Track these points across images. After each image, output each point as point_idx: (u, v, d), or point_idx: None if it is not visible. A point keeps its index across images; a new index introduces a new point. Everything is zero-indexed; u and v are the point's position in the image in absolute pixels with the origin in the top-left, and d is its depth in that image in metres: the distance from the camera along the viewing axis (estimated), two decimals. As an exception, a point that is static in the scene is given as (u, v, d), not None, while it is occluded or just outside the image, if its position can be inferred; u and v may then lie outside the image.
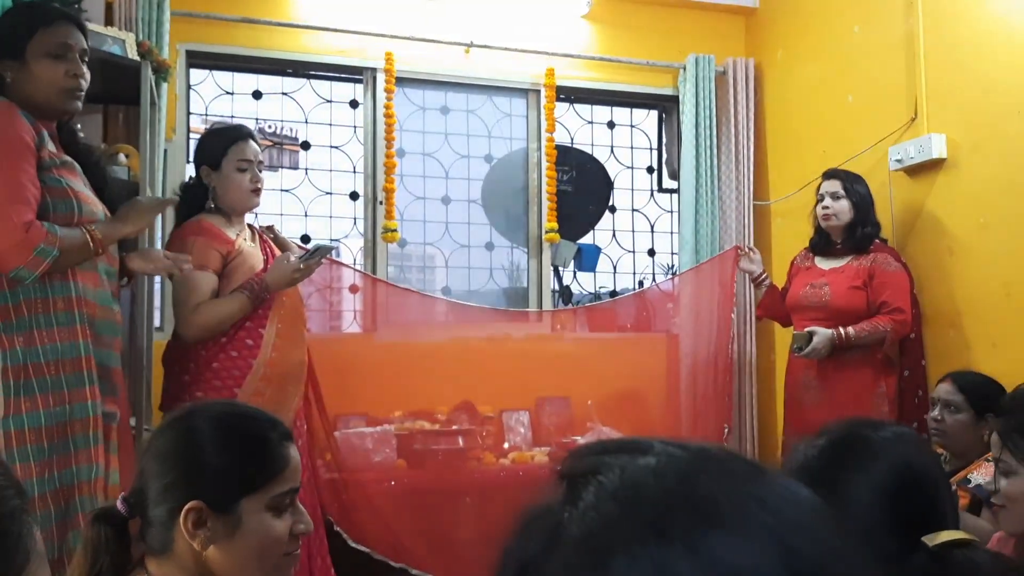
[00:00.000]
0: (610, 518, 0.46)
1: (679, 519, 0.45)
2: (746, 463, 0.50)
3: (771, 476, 0.50)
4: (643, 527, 0.45)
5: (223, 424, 1.24)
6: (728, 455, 0.51)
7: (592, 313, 4.20)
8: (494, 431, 3.75)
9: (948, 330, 3.26)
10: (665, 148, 4.60)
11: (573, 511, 0.47)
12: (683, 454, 0.50)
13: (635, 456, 0.49)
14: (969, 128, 3.18)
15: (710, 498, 0.46)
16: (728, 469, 0.49)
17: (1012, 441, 1.51)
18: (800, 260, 3.54)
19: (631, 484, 0.47)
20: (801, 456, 1.16)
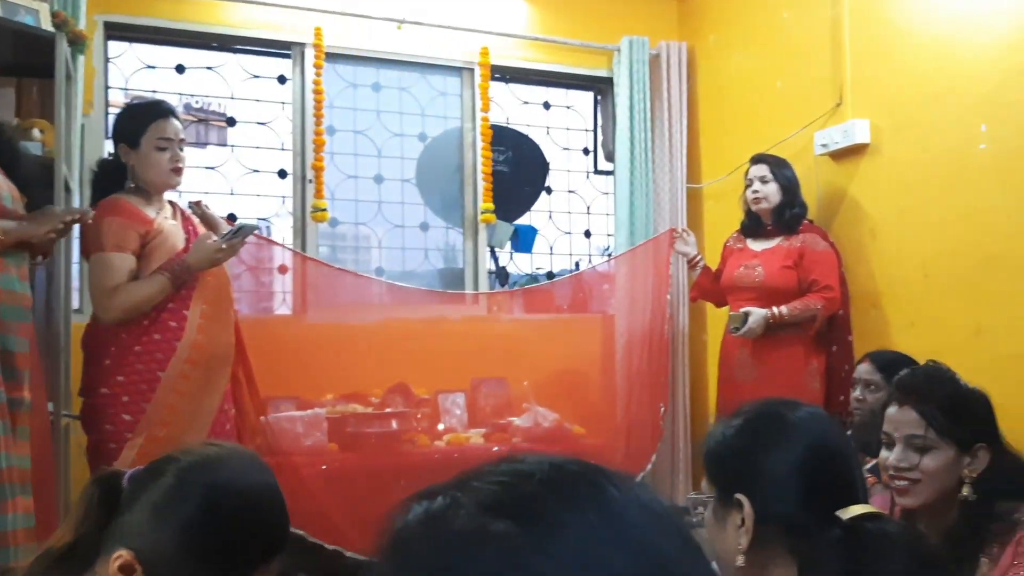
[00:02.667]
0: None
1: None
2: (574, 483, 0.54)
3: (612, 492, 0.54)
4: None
5: (243, 507, 1.09)
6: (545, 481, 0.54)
7: (529, 294, 4.26)
8: (429, 413, 3.79)
9: (870, 310, 3.41)
10: (601, 130, 4.68)
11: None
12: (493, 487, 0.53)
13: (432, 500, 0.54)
14: (891, 114, 3.32)
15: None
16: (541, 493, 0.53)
17: (936, 420, 1.60)
18: (732, 242, 3.67)
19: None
20: (719, 435, 1.22)
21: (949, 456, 1.60)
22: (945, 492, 1.60)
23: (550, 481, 0.53)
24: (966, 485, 1.59)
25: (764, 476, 1.13)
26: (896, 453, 1.63)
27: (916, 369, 1.76)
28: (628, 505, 0.53)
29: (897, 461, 1.63)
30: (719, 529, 1.16)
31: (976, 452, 1.60)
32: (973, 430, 1.61)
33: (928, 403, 1.63)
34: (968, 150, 2.97)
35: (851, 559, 1.04)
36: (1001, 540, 1.52)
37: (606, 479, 0.55)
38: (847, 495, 1.13)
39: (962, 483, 1.59)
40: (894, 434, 1.66)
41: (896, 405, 1.67)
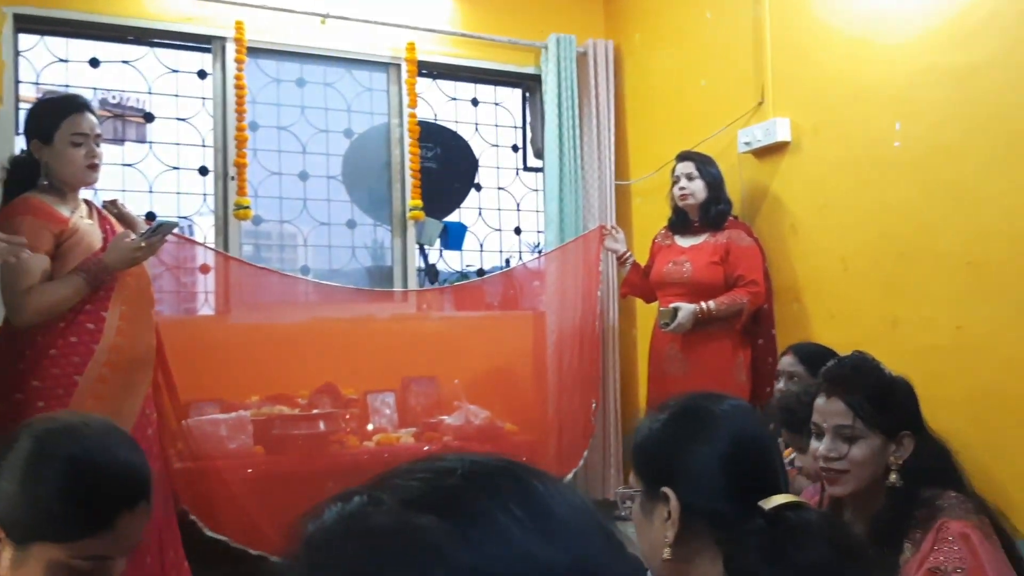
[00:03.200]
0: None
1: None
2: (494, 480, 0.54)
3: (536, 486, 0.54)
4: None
5: (68, 463, 1.15)
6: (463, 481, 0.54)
7: (459, 292, 4.26)
8: (358, 413, 3.77)
9: (792, 303, 3.52)
10: (529, 127, 4.71)
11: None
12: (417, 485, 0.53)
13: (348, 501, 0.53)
14: (811, 113, 3.43)
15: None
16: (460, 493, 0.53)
17: (864, 410, 1.65)
18: (660, 239, 3.74)
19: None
20: (646, 430, 1.24)
21: (876, 445, 1.64)
22: (873, 480, 1.65)
23: (473, 475, 0.53)
24: (892, 472, 1.64)
25: (689, 469, 1.16)
26: (825, 443, 1.68)
27: (843, 360, 1.79)
28: (552, 499, 0.53)
29: (827, 451, 1.67)
30: (646, 522, 1.18)
31: (901, 440, 1.65)
32: (898, 418, 1.66)
33: (855, 393, 1.67)
34: (883, 147, 3.08)
35: (773, 548, 1.07)
36: (923, 526, 1.57)
37: (529, 474, 0.55)
38: (770, 485, 1.15)
39: (888, 470, 1.64)
40: (823, 424, 1.70)
41: (824, 396, 1.71)
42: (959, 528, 1.52)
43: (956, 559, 1.49)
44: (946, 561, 1.49)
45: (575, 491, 0.57)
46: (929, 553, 1.53)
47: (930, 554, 1.52)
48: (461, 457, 0.55)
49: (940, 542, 1.53)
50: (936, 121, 2.89)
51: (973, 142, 2.77)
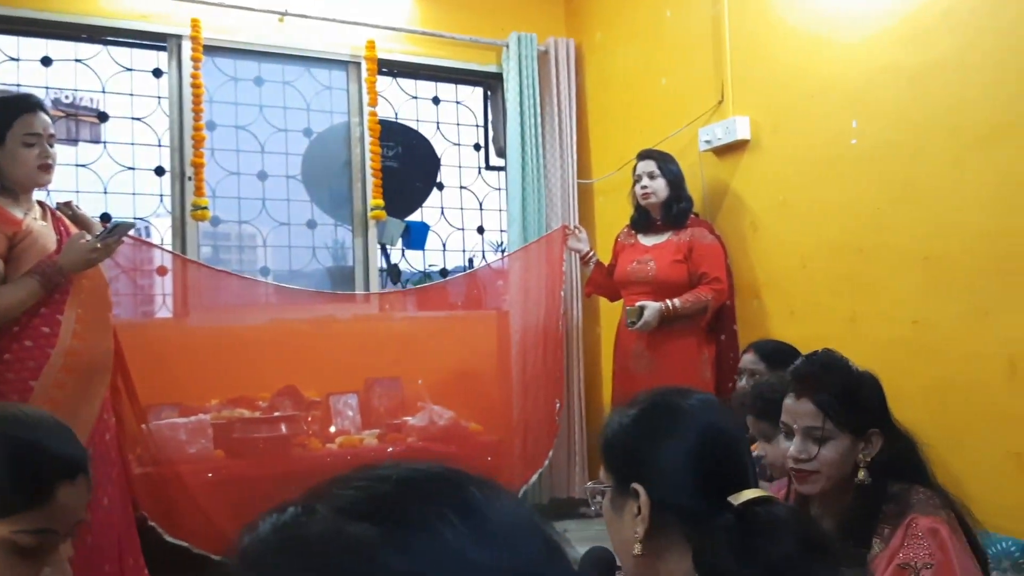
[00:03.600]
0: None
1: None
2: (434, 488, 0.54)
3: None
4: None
5: (4, 439, 1.15)
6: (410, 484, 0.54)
7: (422, 292, 4.25)
8: (320, 416, 3.75)
9: (753, 300, 3.57)
10: (491, 126, 4.72)
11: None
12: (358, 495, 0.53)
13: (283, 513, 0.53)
14: (770, 111, 3.48)
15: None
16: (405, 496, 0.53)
17: (833, 410, 1.66)
18: (624, 237, 3.77)
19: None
20: (616, 425, 1.24)
21: (845, 444, 1.65)
22: (843, 478, 1.67)
23: (409, 482, 0.53)
24: (861, 469, 1.65)
25: (659, 465, 1.16)
26: (796, 444, 1.69)
27: (812, 358, 1.78)
28: (489, 505, 0.53)
29: (797, 452, 1.68)
30: (616, 518, 1.19)
31: (870, 437, 1.66)
32: (867, 416, 1.67)
33: (824, 394, 1.67)
34: (841, 145, 3.14)
35: (743, 543, 1.08)
36: (892, 522, 1.59)
37: (466, 480, 0.55)
38: (739, 480, 1.16)
39: (857, 467, 1.65)
40: (793, 425, 1.70)
41: (794, 396, 1.72)
42: (928, 524, 1.54)
43: (925, 555, 1.51)
44: (915, 557, 1.51)
45: (514, 497, 0.57)
46: (899, 549, 1.54)
47: (900, 550, 1.54)
48: (397, 464, 0.55)
49: (910, 538, 1.55)
50: (891, 119, 2.96)
51: (928, 139, 2.83)
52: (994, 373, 2.62)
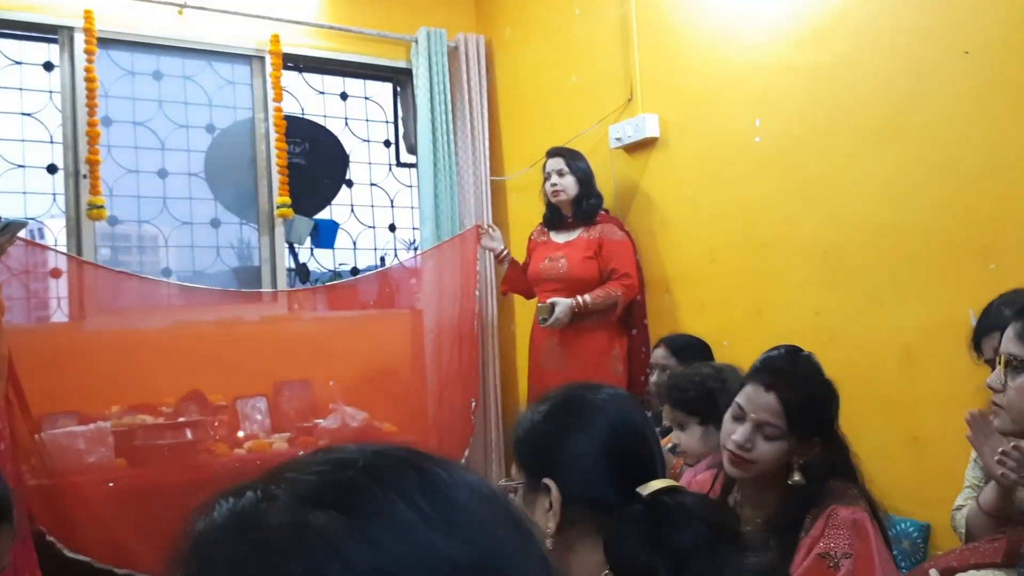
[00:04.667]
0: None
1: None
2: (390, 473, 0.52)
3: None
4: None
5: None
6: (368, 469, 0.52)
7: (332, 291, 4.21)
8: (228, 420, 3.69)
9: (663, 294, 3.66)
10: (401, 122, 4.70)
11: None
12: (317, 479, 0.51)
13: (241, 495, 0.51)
14: (678, 109, 3.57)
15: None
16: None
17: (792, 413, 1.69)
18: (536, 235, 3.83)
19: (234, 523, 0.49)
20: (527, 422, 1.26)
21: (788, 445, 1.70)
22: (775, 472, 1.72)
23: (373, 467, 0.51)
24: (796, 471, 1.70)
25: (570, 460, 1.19)
26: (743, 431, 1.71)
27: (787, 354, 1.81)
28: (457, 489, 0.52)
29: (742, 439, 1.70)
30: (528, 514, 1.21)
31: (811, 444, 1.71)
32: (817, 426, 1.72)
33: (791, 395, 1.71)
34: (745, 143, 3.25)
35: (651, 532, 1.11)
36: (814, 512, 1.65)
37: (433, 463, 0.53)
38: (647, 471, 1.20)
39: (791, 467, 1.71)
40: (748, 412, 1.72)
41: (762, 387, 1.73)
42: (848, 514, 1.60)
43: (845, 544, 1.57)
44: (835, 547, 1.57)
45: (482, 479, 0.55)
46: (819, 538, 1.60)
47: (819, 539, 1.60)
48: (361, 448, 0.53)
49: (830, 528, 1.60)
50: (793, 118, 3.07)
51: (827, 137, 2.96)
52: (890, 361, 2.76)
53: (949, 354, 2.47)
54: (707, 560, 1.08)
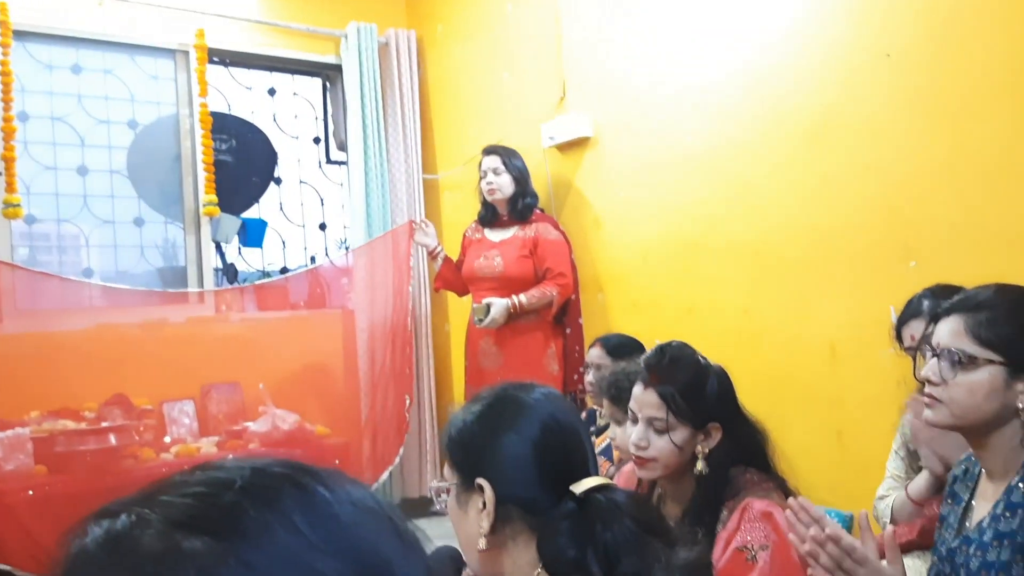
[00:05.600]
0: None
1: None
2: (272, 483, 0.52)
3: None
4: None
5: None
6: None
7: (261, 291, 4.16)
8: (154, 425, 3.63)
9: (597, 293, 3.72)
10: (331, 118, 4.67)
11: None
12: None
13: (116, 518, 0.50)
14: (610, 109, 3.63)
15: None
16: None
17: (675, 403, 1.76)
18: (471, 233, 3.85)
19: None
20: (460, 422, 1.27)
21: (684, 436, 1.76)
22: (682, 465, 1.78)
23: (251, 487, 0.51)
24: (700, 460, 1.76)
25: (502, 459, 1.19)
26: (637, 432, 1.79)
27: (663, 350, 1.87)
28: (340, 504, 0.52)
29: (637, 440, 1.78)
30: (462, 514, 1.23)
31: (709, 431, 1.77)
32: (708, 411, 1.77)
33: (669, 387, 1.76)
34: (677, 143, 3.32)
35: (583, 528, 1.14)
36: (730, 505, 1.71)
37: (313, 478, 0.53)
38: (580, 469, 1.21)
39: (696, 457, 1.76)
40: (637, 413, 1.80)
41: (642, 386, 1.81)
42: (763, 507, 1.66)
43: (761, 536, 1.63)
44: (752, 540, 1.63)
45: (366, 491, 0.55)
46: (735, 531, 1.66)
47: (736, 532, 1.66)
48: (240, 465, 0.53)
49: (745, 521, 1.66)
50: (724, 119, 3.16)
51: (756, 140, 3.05)
52: (816, 357, 2.86)
53: (872, 350, 2.58)
54: (638, 555, 1.11)
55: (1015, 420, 1.41)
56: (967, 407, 1.42)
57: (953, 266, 2.39)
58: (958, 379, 1.42)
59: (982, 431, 1.44)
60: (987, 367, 1.40)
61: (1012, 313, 1.42)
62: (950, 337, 1.44)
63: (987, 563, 1.37)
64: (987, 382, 1.40)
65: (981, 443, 1.46)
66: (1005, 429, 1.41)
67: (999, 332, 1.40)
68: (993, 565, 1.36)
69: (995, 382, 1.40)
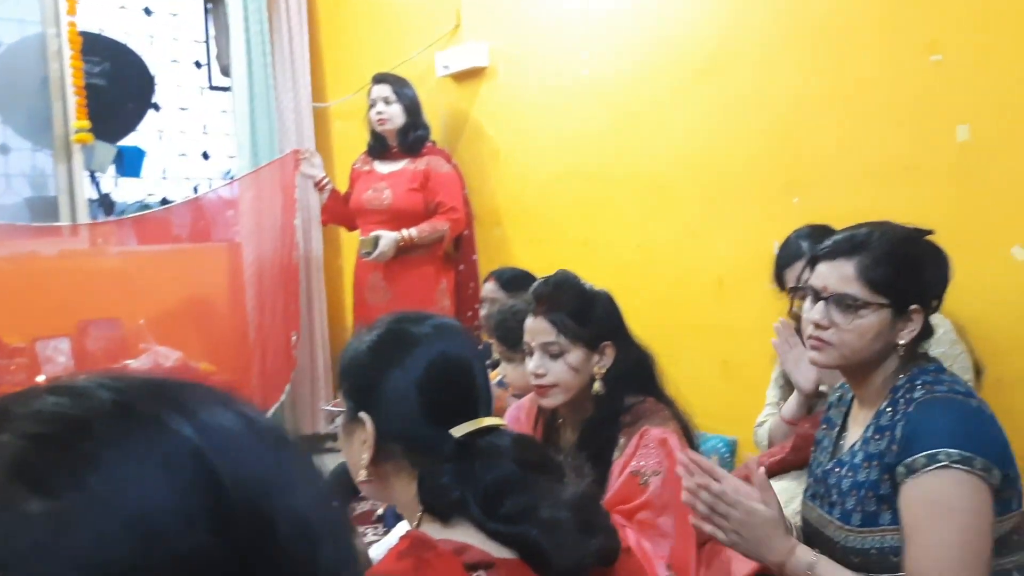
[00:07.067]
0: None
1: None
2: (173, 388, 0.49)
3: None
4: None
5: None
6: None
7: (140, 224, 4.03)
8: (26, 364, 3.52)
9: (494, 228, 3.77)
10: (214, 41, 4.50)
11: None
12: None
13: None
14: (506, 38, 3.65)
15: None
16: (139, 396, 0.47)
17: (566, 326, 1.84)
18: (360, 164, 3.81)
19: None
20: (351, 352, 1.25)
21: (580, 357, 1.84)
22: (580, 389, 1.87)
23: (92, 422, 0.45)
24: (597, 380, 1.85)
25: (386, 396, 1.19)
26: (534, 360, 1.87)
27: (547, 279, 1.95)
28: (206, 437, 0.47)
29: (535, 368, 1.86)
30: (348, 442, 1.25)
31: (603, 350, 1.87)
32: (599, 330, 1.86)
33: (557, 311, 1.85)
34: (573, 75, 3.37)
35: (462, 470, 1.15)
36: (628, 432, 1.80)
37: (178, 410, 0.47)
38: (468, 408, 1.21)
39: (593, 379, 1.86)
40: (532, 343, 1.88)
41: (532, 316, 1.89)
42: (658, 434, 1.76)
43: (655, 463, 1.73)
44: (646, 465, 1.73)
45: (237, 411, 0.51)
46: (632, 457, 1.75)
47: (632, 458, 1.75)
48: (98, 393, 0.46)
49: (642, 447, 1.74)
50: (618, 51, 3.23)
51: (650, 72, 3.13)
52: (705, 290, 3.01)
53: (756, 283, 2.73)
54: (521, 495, 1.13)
55: (893, 355, 1.52)
56: (856, 349, 1.50)
57: (832, 202, 2.55)
58: (850, 324, 1.49)
59: (865, 369, 1.54)
60: (877, 311, 1.48)
61: (896, 256, 1.50)
62: (839, 282, 1.50)
63: (857, 483, 1.49)
64: (876, 325, 1.48)
65: (860, 377, 1.56)
66: (885, 364, 1.53)
67: (886, 276, 1.48)
68: (863, 484, 1.48)
69: (883, 324, 1.49)
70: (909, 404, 1.45)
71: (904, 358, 1.53)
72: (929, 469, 1.37)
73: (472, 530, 1.13)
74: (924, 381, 1.47)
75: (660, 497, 1.70)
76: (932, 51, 2.40)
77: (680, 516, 1.67)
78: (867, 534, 1.47)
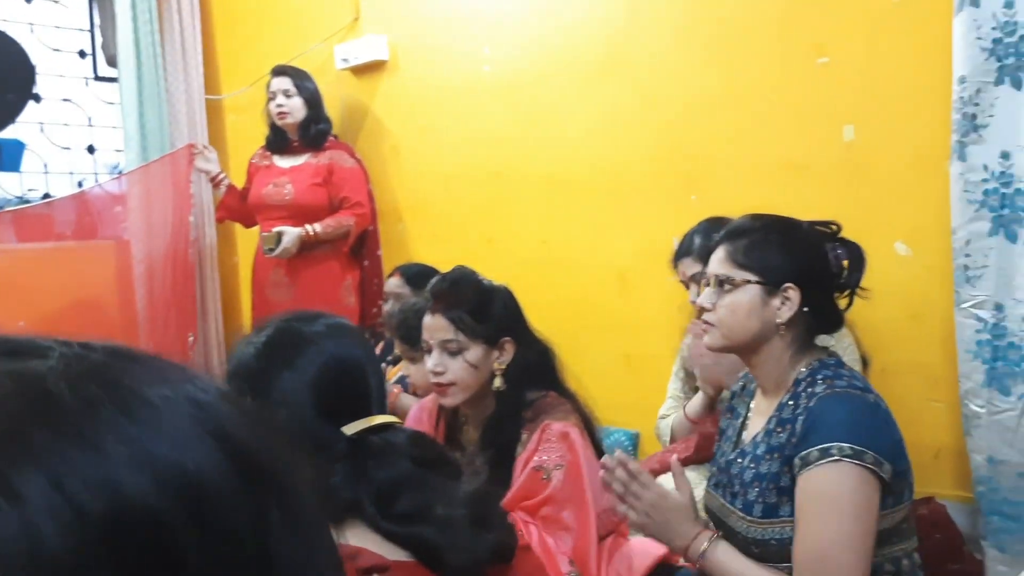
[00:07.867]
0: None
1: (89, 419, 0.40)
2: (159, 362, 0.47)
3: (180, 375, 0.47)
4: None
5: None
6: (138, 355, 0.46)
7: (20, 219, 3.87)
8: None
9: (397, 224, 3.77)
10: (99, 30, 4.35)
11: None
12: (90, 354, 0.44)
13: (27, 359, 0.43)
14: (407, 32, 3.65)
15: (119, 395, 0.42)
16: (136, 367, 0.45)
17: (464, 323, 1.84)
18: (258, 159, 3.76)
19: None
20: (239, 355, 1.25)
21: (478, 354, 1.85)
22: (481, 386, 1.88)
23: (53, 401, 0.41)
24: (497, 377, 1.87)
25: (277, 399, 1.20)
26: (432, 359, 1.87)
27: (445, 276, 1.96)
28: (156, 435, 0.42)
29: (433, 366, 1.86)
30: None
31: (503, 345, 1.88)
32: (498, 326, 1.88)
33: (455, 308, 1.84)
34: (475, 71, 3.40)
35: (357, 470, 1.16)
36: (531, 427, 1.82)
37: (130, 396, 0.43)
38: (362, 407, 1.23)
39: (494, 376, 1.87)
40: (430, 341, 1.88)
41: (430, 313, 1.89)
42: (560, 428, 1.79)
43: (557, 457, 1.76)
44: (548, 460, 1.76)
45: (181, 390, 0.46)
46: (534, 452, 1.78)
47: (535, 453, 1.78)
48: (51, 364, 0.42)
49: (544, 442, 1.77)
50: (520, 48, 3.27)
51: (552, 70, 3.19)
52: (607, 285, 3.09)
53: (657, 279, 2.81)
54: (415, 493, 1.15)
55: (776, 336, 1.60)
56: (732, 326, 1.59)
57: (727, 199, 2.65)
58: (723, 301, 1.59)
59: (751, 348, 1.62)
60: (745, 287, 1.58)
61: (763, 237, 1.61)
62: (715, 265, 1.62)
63: (759, 474, 1.55)
64: (747, 301, 1.58)
65: (752, 360, 1.64)
66: (771, 344, 1.60)
67: (753, 254, 1.58)
68: (765, 476, 1.54)
69: (753, 301, 1.57)
70: (811, 399, 1.51)
71: (797, 345, 1.60)
72: (822, 462, 1.43)
73: (367, 532, 1.14)
74: (825, 375, 1.55)
75: (562, 491, 1.74)
76: (820, 54, 2.53)
77: (581, 509, 1.71)
78: (767, 525, 1.53)
